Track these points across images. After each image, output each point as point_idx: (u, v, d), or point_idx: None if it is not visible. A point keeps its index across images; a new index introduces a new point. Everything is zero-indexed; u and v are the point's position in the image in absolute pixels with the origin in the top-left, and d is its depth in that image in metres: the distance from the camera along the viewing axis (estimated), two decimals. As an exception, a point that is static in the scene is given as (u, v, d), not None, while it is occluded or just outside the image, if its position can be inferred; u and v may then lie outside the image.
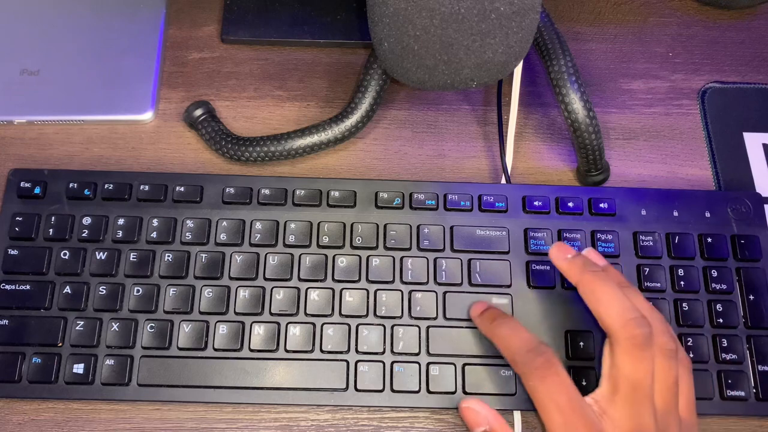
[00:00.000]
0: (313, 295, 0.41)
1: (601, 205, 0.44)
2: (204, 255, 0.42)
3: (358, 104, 0.45)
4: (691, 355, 0.40)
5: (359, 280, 0.42)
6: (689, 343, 0.40)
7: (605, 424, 0.33)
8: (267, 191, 0.43)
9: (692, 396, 0.36)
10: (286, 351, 0.40)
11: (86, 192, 0.43)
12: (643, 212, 0.44)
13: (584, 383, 0.39)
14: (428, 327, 0.41)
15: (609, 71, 0.51)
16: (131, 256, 0.41)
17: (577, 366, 0.40)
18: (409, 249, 0.42)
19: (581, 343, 0.40)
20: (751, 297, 0.42)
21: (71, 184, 0.43)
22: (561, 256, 0.38)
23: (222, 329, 0.40)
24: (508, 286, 0.42)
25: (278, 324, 0.40)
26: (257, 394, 0.39)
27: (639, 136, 0.49)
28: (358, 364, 0.40)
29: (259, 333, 0.40)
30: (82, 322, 0.40)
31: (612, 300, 0.35)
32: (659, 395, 0.34)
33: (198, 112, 0.46)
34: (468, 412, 0.37)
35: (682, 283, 0.42)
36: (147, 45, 0.49)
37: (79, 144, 0.47)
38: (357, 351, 0.40)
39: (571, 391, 0.34)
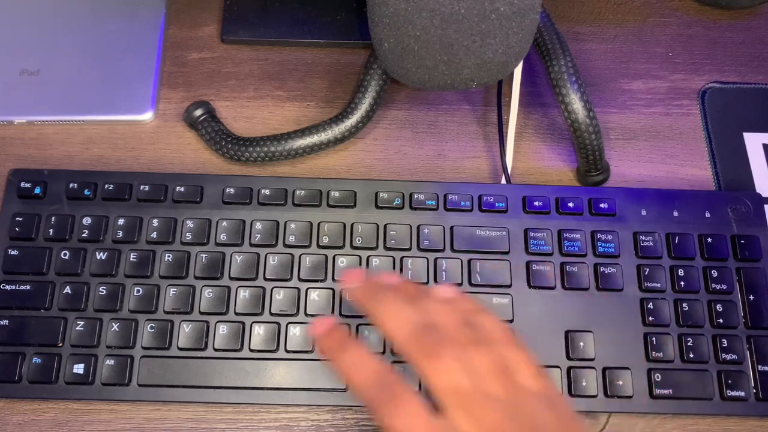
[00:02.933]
0: (314, 295, 0.41)
1: (601, 206, 0.44)
2: (204, 255, 0.42)
3: (358, 104, 0.45)
4: (691, 355, 0.40)
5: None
6: (689, 343, 0.40)
7: None
8: (267, 191, 0.43)
9: (535, 367, 0.35)
10: (287, 351, 0.40)
11: (86, 192, 0.43)
12: (643, 212, 0.44)
13: (584, 383, 0.40)
14: (428, 327, 0.40)
15: (609, 71, 0.51)
16: (131, 257, 0.41)
17: (577, 366, 0.40)
18: (409, 249, 0.42)
19: (581, 343, 0.40)
20: (751, 297, 0.42)
21: (71, 184, 0.43)
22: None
23: (222, 329, 0.40)
24: (508, 286, 0.42)
25: (278, 324, 0.40)
26: (257, 394, 0.39)
27: (639, 136, 0.49)
28: (358, 364, 0.40)
29: (259, 333, 0.40)
30: (82, 322, 0.40)
31: (392, 317, 0.34)
32: (492, 384, 0.33)
33: (198, 112, 0.46)
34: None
35: (682, 283, 0.42)
36: (147, 45, 0.49)
37: (79, 144, 0.47)
38: (357, 351, 0.40)
39: (424, 423, 0.32)
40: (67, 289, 0.41)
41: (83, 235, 0.42)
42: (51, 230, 0.42)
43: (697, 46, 0.53)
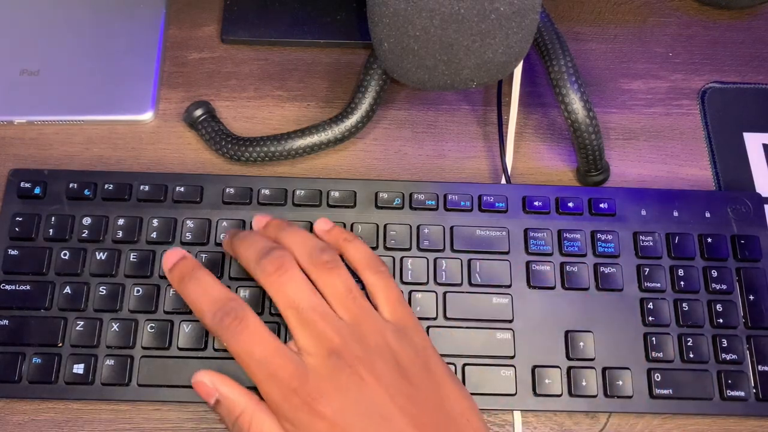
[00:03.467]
0: (313, 295, 0.41)
1: (601, 206, 0.44)
2: (204, 255, 0.42)
3: (358, 104, 0.45)
4: (691, 355, 0.40)
5: (359, 280, 0.42)
6: (689, 343, 0.40)
7: (305, 358, 0.32)
8: (267, 191, 0.43)
9: (394, 295, 0.35)
10: (286, 351, 0.40)
11: (86, 192, 0.43)
12: (643, 212, 0.44)
13: (584, 383, 0.40)
14: (428, 327, 0.40)
15: (609, 71, 0.51)
16: (131, 256, 0.41)
17: (577, 366, 0.40)
18: (409, 249, 0.42)
19: (581, 343, 0.40)
20: (751, 297, 0.42)
21: (71, 184, 0.43)
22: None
23: (222, 329, 0.40)
24: (508, 287, 0.42)
25: (278, 324, 0.40)
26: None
27: (639, 136, 0.49)
28: (358, 364, 0.40)
29: (259, 333, 0.40)
30: (82, 322, 0.40)
31: (245, 247, 0.35)
32: (337, 306, 0.34)
33: (198, 112, 0.46)
34: (199, 386, 0.34)
35: (682, 283, 0.42)
36: (147, 45, 0.49)
37: (79, 144, 0.47)
38: (357, 351, 0.40)
39: (265, 342, 0.32)
40: (67, 289, 0.41)
41: (83, 235, 0.42)
42: (51, 230, 0.42)
43: (697, 46, 0.53)
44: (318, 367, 0.32)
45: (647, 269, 0.42)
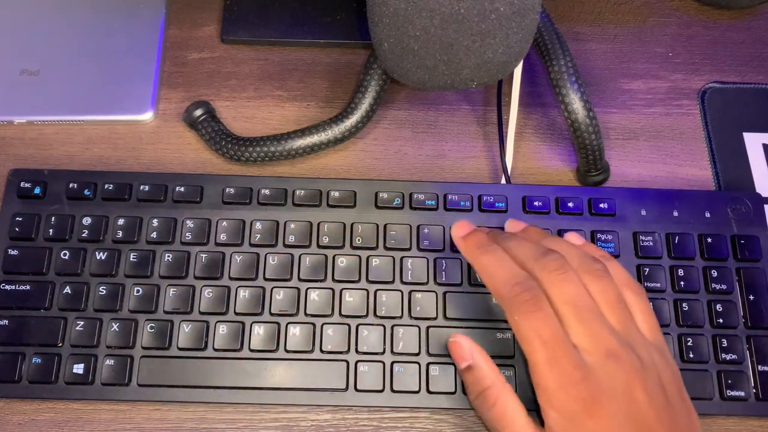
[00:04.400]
0: (313, 295, 0.41)
1: (601, 206, 0.44)
2: (204, 255, 0.42)
3: (358, 104, 0.45)
4: (691, 355, 0.40)
5: (359, 280, 0.42)
6: (689, 343, 0.40)
7: (584, 355, 0.33)
8: (267, 191, 0.43)
9: (653, 319, 0.36)
10: (286, 351, 0.40)
11: (86, 192, 0.43)
12: (643, 212, 0.44)
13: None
14: (428, 327, 0.41)
15: (609, 71, 0.51)
16: (131, 256, 0.41)
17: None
18: (409, 249, 0.42)
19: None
20: (751, 297, 0.42)
21: (71, 184, 0.43)
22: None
23: (222, 329, 0.40)
24: (508, 286, 0.42)
25: (278, 324, 0.40)
26: (257, 394, 0.39)
27: (639, 136, 0.49)
28: (358, 364, 0.40)
29: (259, 333, 0.40)
30: (82, 322, 0.40)
31: (519, 246, 0.36)
32: (608, 313, 0.34)
33: (198, 112, 0.46)
34: (454, 346, 0.37)
35: (682, 283, 0.42)
36: (147, 45, 0.49)
37: (79, 144, 0.47)
38: (357, 351, 0.40)
39: (555, 327, 0.33)
40: (67, 289, 0.41)
41: (83, 235, 0.42)
42: (51, 230, 0.42)
43: (697, 46, 0.53)
44: (597, 366, 0.32)
45: (647, 269, 0.42)
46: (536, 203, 0.44)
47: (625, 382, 0.32)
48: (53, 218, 0.42)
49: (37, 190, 0.43)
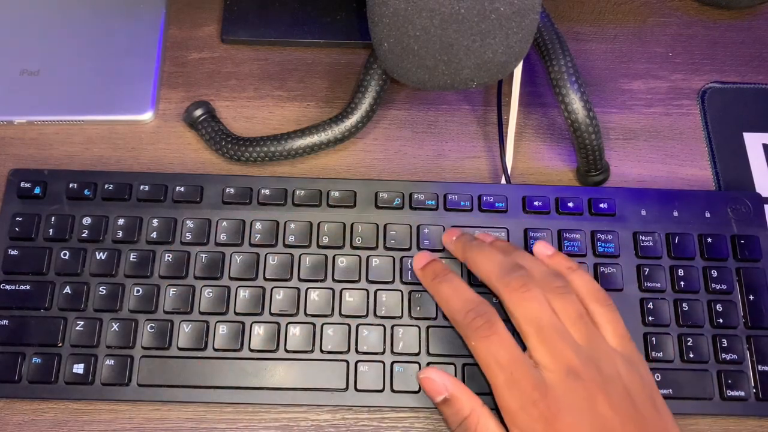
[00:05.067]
0: (313, 295, 0.41)
1: (601, 206, 0.44)
2: (204, 255, 0.42)
3: (358, 104, 0.45)
4: (691, 355, 0.40)
5: (359, 280, 0.42)
6: (689, 343, 0.40)
7: (543, 372, 0.33)
8: (267, 191, 0.43)
9: (621, 329, 0.36)
10: (286, 351, 0.40)
11: (86, 192, 0.43)
12: (643, 212, 0.44)
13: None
14: (428, 327, 0.40)
15: (609, 71, 0.51)
16: (131, 256, 0.41)
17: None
18: (409, 249, 0.42)
19: (581, 343, 0.40)
20: (751, 297, 0.42)
21: (71, 184, 0.43)
22: (449, 239, 0.40)
23: (222, 329, 0.40)
24: (508, 286, 0.42)
25: (278, 324, 0.40)
26: (257, 394, 0.39)
27: (639, 136, 0.49)
28: (358, 364, 0.40)
29: (259, 333, 0.40)
30: (82, 322, 0.40)
31: (486, 260, 0.37)
32: (572, 329, 0.35)
33: (198, 112, 0.46)
34: (426, 382, 0.37)
35: (682, 283, 0.42)
36: (147, 45, 0.49)
37: (79, 144, 0.47)
38: (357, 351, 0.40)
39: (511, 349, 0.34)
40: (67, 289, 0.41)
41: (83, 235, 0.42)
42: (51, 230, 0.42)
43: (697, 46, 0.53)
44: (556, 383, 0.33)
45: (647, 269, 0.42)
46: (536, 203, 0.44)
47: (585, 397, 0.33)
48: (53, 218, 0.42)
49: (37, 190, 0.43)
